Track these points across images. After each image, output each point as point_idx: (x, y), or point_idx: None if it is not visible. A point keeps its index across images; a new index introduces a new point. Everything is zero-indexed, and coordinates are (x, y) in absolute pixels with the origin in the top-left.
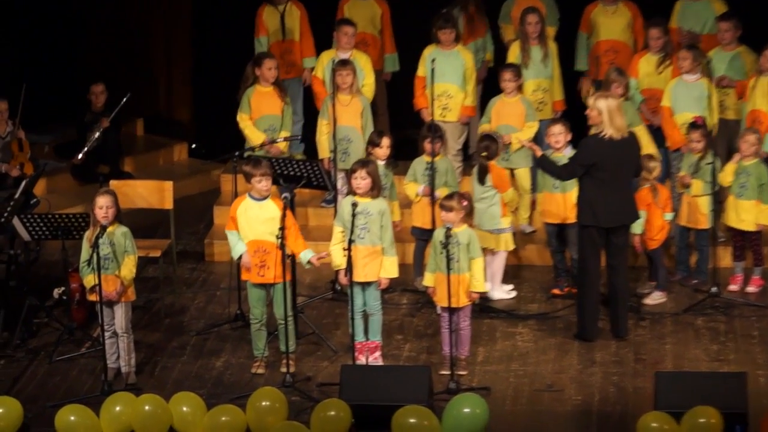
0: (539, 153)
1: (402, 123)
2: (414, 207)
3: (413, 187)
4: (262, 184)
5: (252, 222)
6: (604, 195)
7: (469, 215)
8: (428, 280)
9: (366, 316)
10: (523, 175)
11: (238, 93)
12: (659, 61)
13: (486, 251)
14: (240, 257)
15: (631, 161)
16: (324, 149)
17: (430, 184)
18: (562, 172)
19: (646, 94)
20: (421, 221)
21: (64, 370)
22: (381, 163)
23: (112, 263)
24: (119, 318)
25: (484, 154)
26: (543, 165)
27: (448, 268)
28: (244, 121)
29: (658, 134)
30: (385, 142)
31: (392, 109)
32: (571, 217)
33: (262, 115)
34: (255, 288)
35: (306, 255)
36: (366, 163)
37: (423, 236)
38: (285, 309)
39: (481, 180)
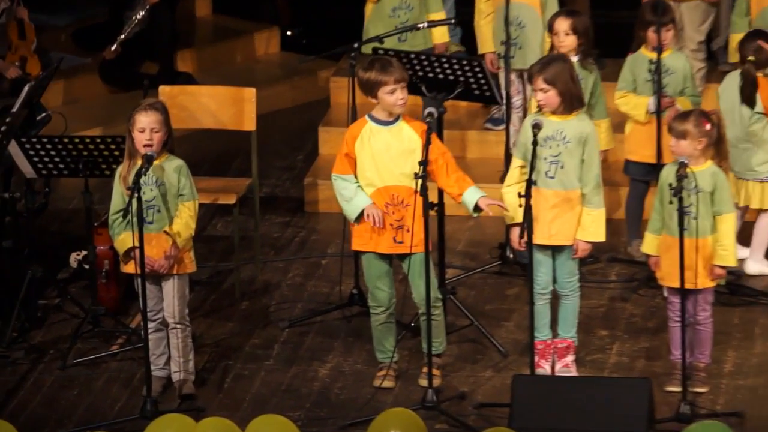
0: None
1: (605, 1)
2: (629, 131)
3: (635, 99)
4: (396, 95)
5: (380, 158)
6: None
7: (716, 146)
8: (649, 245)
9: (554, 300)
10: None
11: None
12: None
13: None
14: (359, 217)
15: None
16: (486, 40)
17: (657, 94)
18: None
19: None
20: (640, 152)
21: (84, 379)
22: (573, 59)
23: (160, 214)
24: (170, 299)
25: (751, 58)
26: None
27: (681, 228)
28: None
29: None
30: (562, 25)
31: None
32: None
33: None
34: (378, 260)
35: (473, 195)
36: (546, 64)
37: (645, 176)
38: (428, 289)
39: (749, 100)
